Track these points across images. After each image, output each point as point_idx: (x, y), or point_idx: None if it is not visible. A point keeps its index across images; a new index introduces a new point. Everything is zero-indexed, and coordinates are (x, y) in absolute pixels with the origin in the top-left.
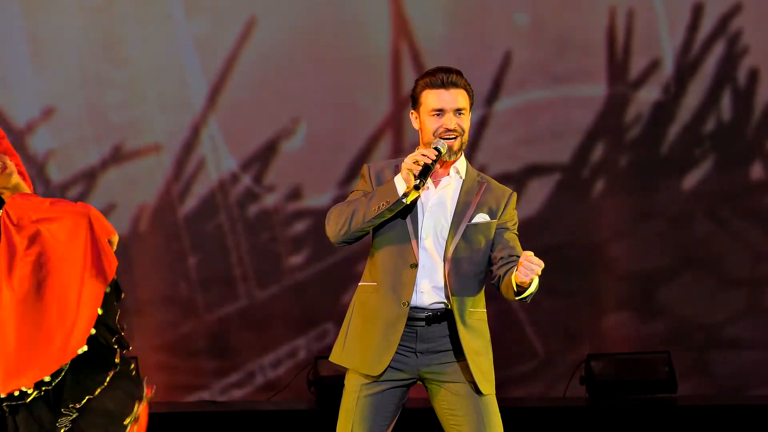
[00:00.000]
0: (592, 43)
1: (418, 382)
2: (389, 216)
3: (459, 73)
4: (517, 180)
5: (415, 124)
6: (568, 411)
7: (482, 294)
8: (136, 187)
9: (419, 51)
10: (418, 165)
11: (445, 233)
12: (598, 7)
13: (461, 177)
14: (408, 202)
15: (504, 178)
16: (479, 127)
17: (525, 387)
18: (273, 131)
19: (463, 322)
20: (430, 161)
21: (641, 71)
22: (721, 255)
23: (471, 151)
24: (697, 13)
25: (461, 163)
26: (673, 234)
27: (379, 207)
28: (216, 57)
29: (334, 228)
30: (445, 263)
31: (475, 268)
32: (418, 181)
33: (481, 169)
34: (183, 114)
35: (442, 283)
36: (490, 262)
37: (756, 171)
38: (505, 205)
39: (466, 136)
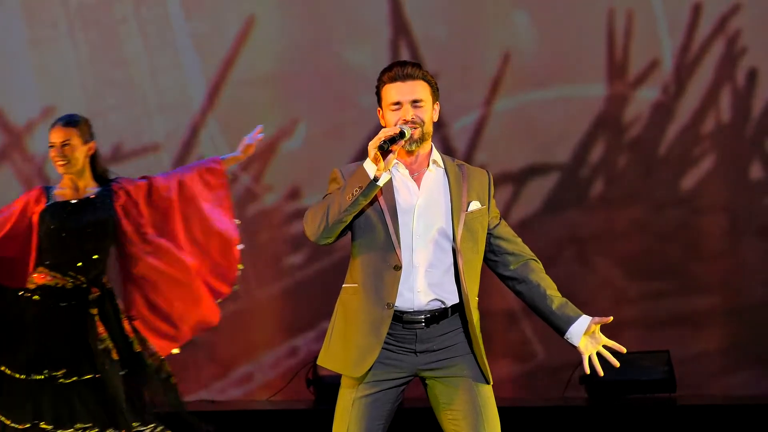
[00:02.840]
0: (591, 43)
1: (415, 378)
2: (365, 203)
3: (416, 65)
4: (516, 179)
5: (382, 122)
6: (568, 411)
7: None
8: None
9: (419, 50)
10: (382, 141)
11: (449, 226)
12: (597, 8)
13: (440, 166)
14: (382, 185)
15: (504, 178)
16: (479, 127)
17: (525, 387)
18: (272, 131)
19: (471, 314)
20: (394, 134)
21: (640, 71)
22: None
23: (470, 151)
24: (696, 13)
25: (435, 154)
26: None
27: (353, 194)
28: (215, 56)
29: (312, 226)
30: (457, 255)
31: (478, 257)
32: (386, 144)
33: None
34: (182, 114)
35: (442, 280)
36: (493, 253)
37: (755, 171)
38: (489, 188)
39: (428, 126)
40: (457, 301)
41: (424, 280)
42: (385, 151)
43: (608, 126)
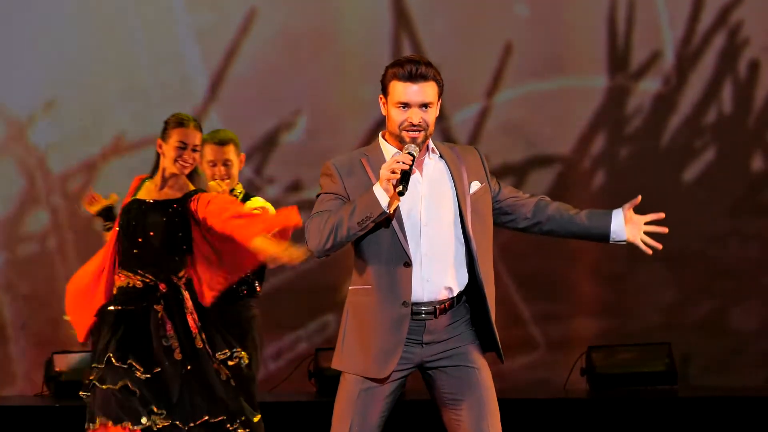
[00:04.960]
0: (592, 34)
1: (416, 370)
2: (372, 226)
3: (428, 64)
4: (517, 172)
5: (383, 110)
6: (569, 403)
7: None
8: None
9: (420, 42)
10: (396, 174)
11: (458, 214)
12: None
13: (437, 153)
14: (391, 212)
15: (505, 170)
16: (480, 119)
17: (526, 379)
18: (273, 123)
19: (488, 295)
20: (407, 167)
21: (642, 63)
22: None
23: (471, 143)
24: (698, 4)
25: (431, 143)
26: None
27: (363, 220)
28: (217, 48)
29: (316, 243)
30: (469, 242)
31: (487, 238)
32: (401, 187)
33: None
34: (184, 105)
35: (451, 269)
36: (508, 214)
37: (756, 162)
38: (483, 164)
39: (431, 129)
40: (464, 288)
41: (434, 270)
42: (401, 192)
43: (609, 118)
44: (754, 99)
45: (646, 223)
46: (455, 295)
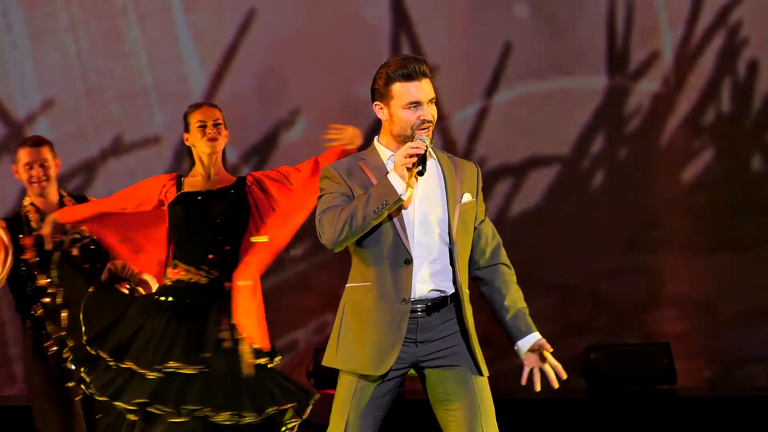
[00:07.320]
0: (591, 34)
1: (412, 370)
2: (387, 213)
3: (425, 61)
4: (516, 172)
5: (381, 115)
6: (568, 403)
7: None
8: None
9: (419, 42)
10: (413, 158)
11: (446, 217)
12: None
13: (433, 158)
14: (407, 199)
15: (503, 170)
16: (479, 119)
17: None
18: (273, 123)
19: (465, 303)
20: (423, 151)
21: (641, 63)
22: None
23: (470, 143)
24: (697, 4)
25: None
26: None
27: (379, 207)
28: (215, 48)
29: (331, 234)
30: (452, 245)
31: (468, 249)
32: (420, 167)
33: (481, 161)
34: (182, 105)
35: (440, 270)
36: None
37: (756, 162)
38: (477, 182)
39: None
40: (453, 290)
41: (425, 270)
42: (421, 171)
43: (608, 118)
44: (753, 99)
45: (551, 366)
46: (447, 295)
